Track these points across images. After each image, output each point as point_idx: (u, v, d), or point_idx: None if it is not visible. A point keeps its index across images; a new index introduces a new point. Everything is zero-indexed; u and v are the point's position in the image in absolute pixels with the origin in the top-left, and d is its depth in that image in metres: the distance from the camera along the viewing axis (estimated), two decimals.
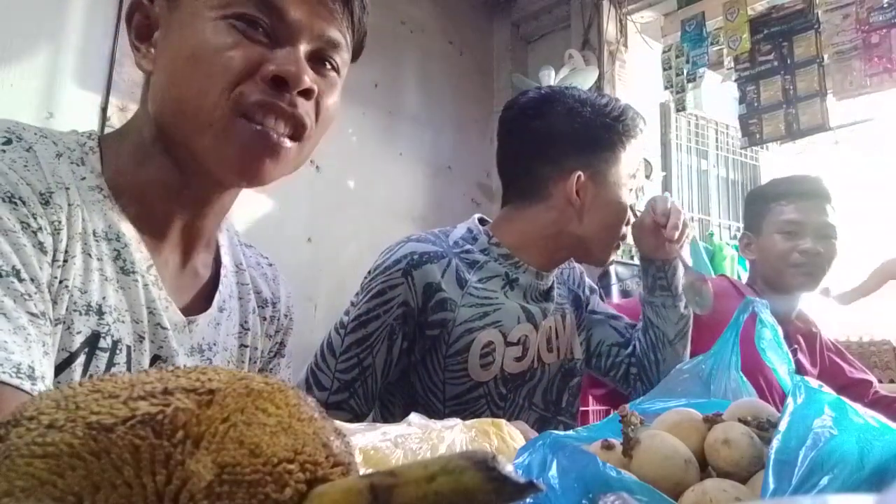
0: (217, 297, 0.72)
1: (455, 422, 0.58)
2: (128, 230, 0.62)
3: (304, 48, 0.62)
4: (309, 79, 0.61)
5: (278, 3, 0.60)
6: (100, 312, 0.59)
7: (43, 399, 0.27)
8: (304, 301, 2.72)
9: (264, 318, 0.79)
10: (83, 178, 0.61)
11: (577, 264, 1.31)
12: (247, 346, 0.76)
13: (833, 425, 0.44)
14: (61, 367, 0.57)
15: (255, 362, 0.78)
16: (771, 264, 1.52)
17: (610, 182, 1.13)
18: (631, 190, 1.16)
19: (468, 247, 1.12)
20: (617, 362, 1.25)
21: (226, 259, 0.76)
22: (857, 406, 0.47)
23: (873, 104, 3.33)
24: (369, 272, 1.09)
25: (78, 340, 0.58)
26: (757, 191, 1.77)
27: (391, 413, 1.12)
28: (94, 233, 0.60)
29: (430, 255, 1.05)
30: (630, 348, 1.25)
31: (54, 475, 0.24)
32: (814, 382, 0.50)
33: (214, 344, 0.70)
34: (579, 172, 1.11)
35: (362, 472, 0.29)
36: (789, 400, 0.47)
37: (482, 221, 1.20)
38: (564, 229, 1.13)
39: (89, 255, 0.59)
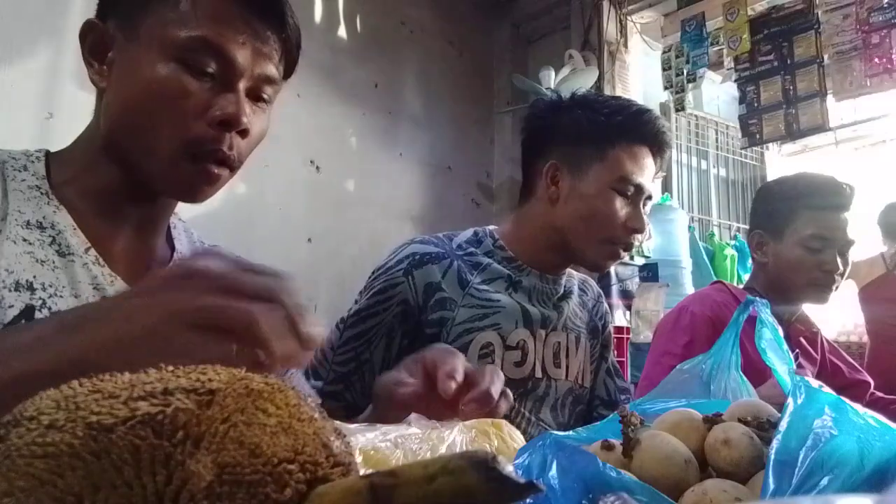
0: None
1: (455, 422, 0.58)
2: (62, 219, 0.71)
3: (243, 86, 0.71)
4: (246, 119, 0.70)
5: (227, 51, 0.68)
6: (31, 288, 0.67)
7: (43, 399, 0.27)
8: (305, 301, 2.72)
9: None
10: (23, 180, 0.70)
11: (604, 301, 1.32)
12: None
13: (833, 425, 0.44)
14: None
15: None
16: (787, 275, 1.44)
17: (590, 176, 1.10)
18: (626, 196, 1.10)
19: (472, 249, 1.13)
20: (588, 412, 1.24)
21: (181, 246, 0.84)
22: (858, 406, 0.47)
23: (873, 104, 3.34)
24: (373, 271, 1.11)
25: (11, 314, 0.65)
26: (781, 189, 1.55)
27: None
28: (29, 222, 0.69)
29: (432, 255, 1.08)
30: (609, 412, 1.22)
31: (54, 475, 0.24)
32: (814, 382, 0.50)
33: None
34: (553, 161, 1.13)
35: (362, 472, 0.29)
36: (789, 400, 0.47)
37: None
38: (548, 224, 1.13)
39: (16, 241, 0.68)
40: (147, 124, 0.68)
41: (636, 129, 1.12)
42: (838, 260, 1.40)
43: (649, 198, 1.14)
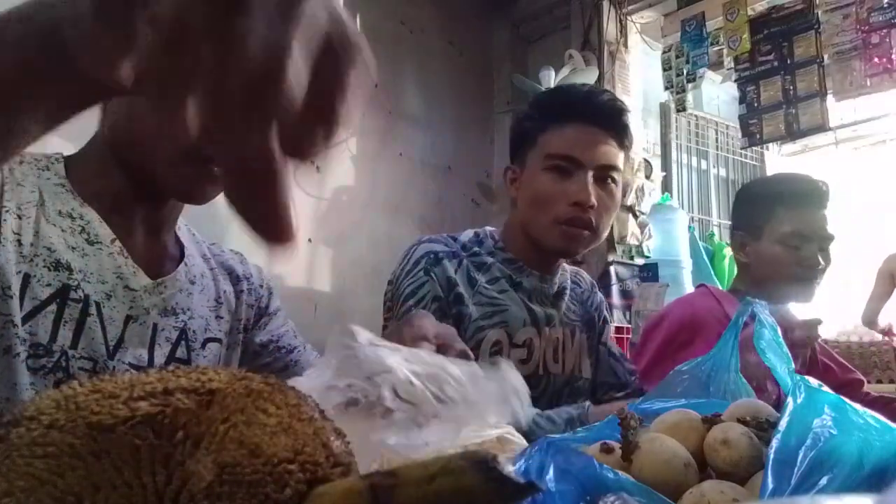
0: (182, 267, 0.84)
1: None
2: (89, 212, 0.75)
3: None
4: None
5: None
6: (69, 269, 0.72)
7: (43, 399, 0.27)
8: (304, 301, 2.72)
9: (240, 292, 0.92)
10: (48, 179, 0.75)
11: (598, 290, 1.34)
12: (222, 317, 0.88)
13: (833, 425, 0.44)
14: (32, 314, 0.69)
15: (238, 331, 0.90)
16: (769, 273, 1.47)
17: (528, 166, 1.16)
18: (560, 173, 1.09)
19: (475, 249, 1.16)
20: (603, 399, 1.23)
21: (191, 247, 0.88)
22: (857, 406, 0.47)
23: (873, 104, 3.34)
24: (390, 282, 1.13)
25: (47, 292, 0.70)
26: (758, 189, 1.63)
27: None
28: (60, 212, 0.74)
29: (445, 253, 1.11)
30: (622, 394, 1.23)
31: (54, 475, 0.24)
32: (813, 382, 0.50)
33: (189, 309, 0.83)
34: (509, 166, 1.21)
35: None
36: (789, 400, 0.47)
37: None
38: (518, 224, 1.17)
39: (54, 225, 0.73)
40: (144, 133, 0.72)
41: (565, 109, 1.12)
42: (818, 256, 1.42)
43: (605, 169, 1.09)
